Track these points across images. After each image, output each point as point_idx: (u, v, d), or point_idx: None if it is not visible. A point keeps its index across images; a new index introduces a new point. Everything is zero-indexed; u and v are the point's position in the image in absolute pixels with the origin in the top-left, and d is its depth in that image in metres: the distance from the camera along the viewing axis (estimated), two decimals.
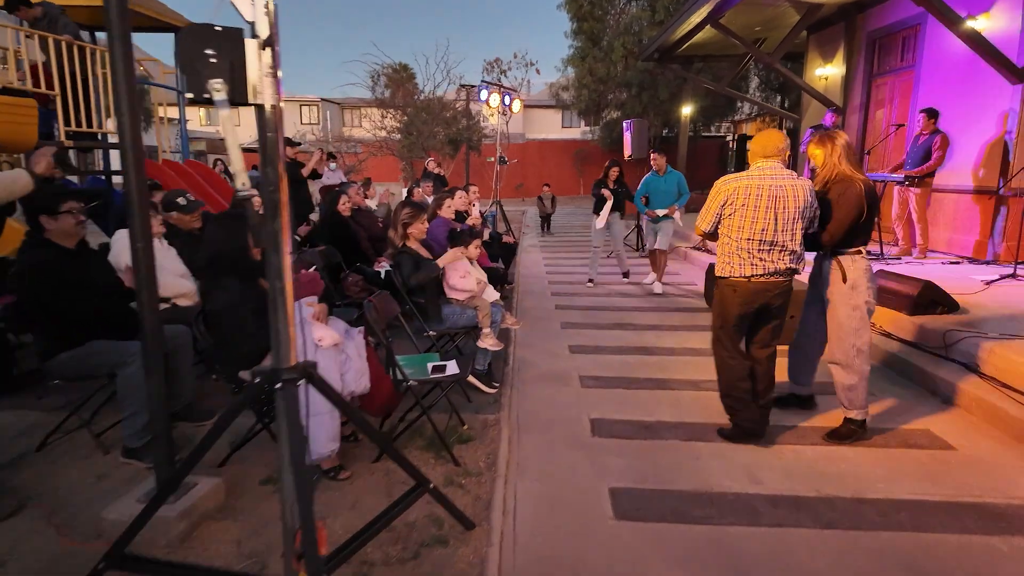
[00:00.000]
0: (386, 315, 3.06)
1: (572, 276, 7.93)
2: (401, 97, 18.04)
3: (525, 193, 22.04)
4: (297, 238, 5.75)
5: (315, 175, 7.60)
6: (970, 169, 7.20)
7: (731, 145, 23.79)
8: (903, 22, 8.61)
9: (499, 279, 5.42)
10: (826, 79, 10.68)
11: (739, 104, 23.85)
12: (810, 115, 11.16)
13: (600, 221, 7.05)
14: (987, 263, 6.74)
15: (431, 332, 3.62)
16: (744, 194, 2.94)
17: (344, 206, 5.47)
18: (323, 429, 2.51)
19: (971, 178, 7.20)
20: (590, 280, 7.33)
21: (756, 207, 2.92)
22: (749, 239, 2.96)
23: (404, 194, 8.42)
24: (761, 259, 2.97)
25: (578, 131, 26.30)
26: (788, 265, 3.01)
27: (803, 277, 3.50)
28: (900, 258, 7.14)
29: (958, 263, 6.84)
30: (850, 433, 3.24)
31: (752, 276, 2.99)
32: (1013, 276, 5.75)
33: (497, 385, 3.88)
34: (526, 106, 30.98)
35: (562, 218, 15.19)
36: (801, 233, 2.99)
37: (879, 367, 4.38)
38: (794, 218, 2.93)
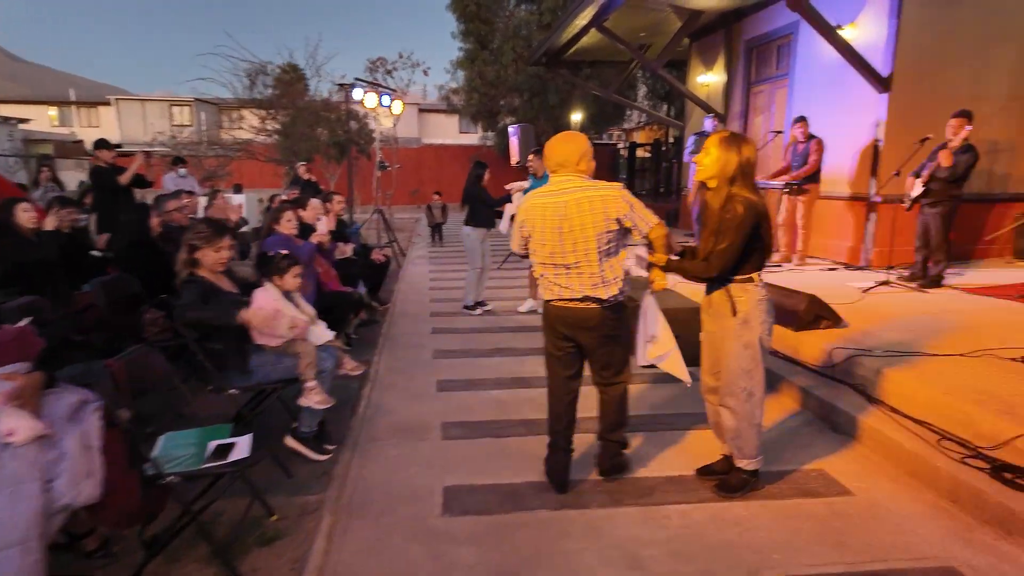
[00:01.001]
0: (147, 379, 2.24)
1: (459, 293, 7.26)
2: (288, 99, 16.68)
3: (422, 200, 21.18)
4: (97, 253, 4.66)
5: (141, 182, 6.41)
6: (843, 176, 7.32)
7: (622, 152, 24.23)
8: (777, 31, 8.75)
9: (352, 307, 4.65)
10: (708, 86, 10.78)
11: (628, 112, 24.36)
12: (694, 122, 11.24)
13: (504, 225, 6.33)
14: (861, 268, 6.83)
15: (234, 389, 2.81)
16: (534, 213, 2.67)
17: (162, 220, 4.48)
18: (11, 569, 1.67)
19: (845, 185, 7.31)
20: (475, 305, 6.37)
21: (543, 228, 2.64)
22: (543, 262, 2.71)
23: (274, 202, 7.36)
24: (558, 284, 2.67)
25: (476, 136, 25.83)
26: (586, 293, 2.61)
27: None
28: (780, 265, 7.11)
29: (834, 269, 6.88)
30: (741, 484, 2.80)
31: (552, 300, 2.72)
32: (887, 283, 5.76)
33: (330, 449, 3.13)
34: (421, 110, 30.23)
35: (456, 227, 14.53)
36: (605, 255, 2.59)
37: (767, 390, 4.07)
38: (588, 237, 2.55)
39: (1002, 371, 3.47)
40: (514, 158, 9.54)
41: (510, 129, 9.20)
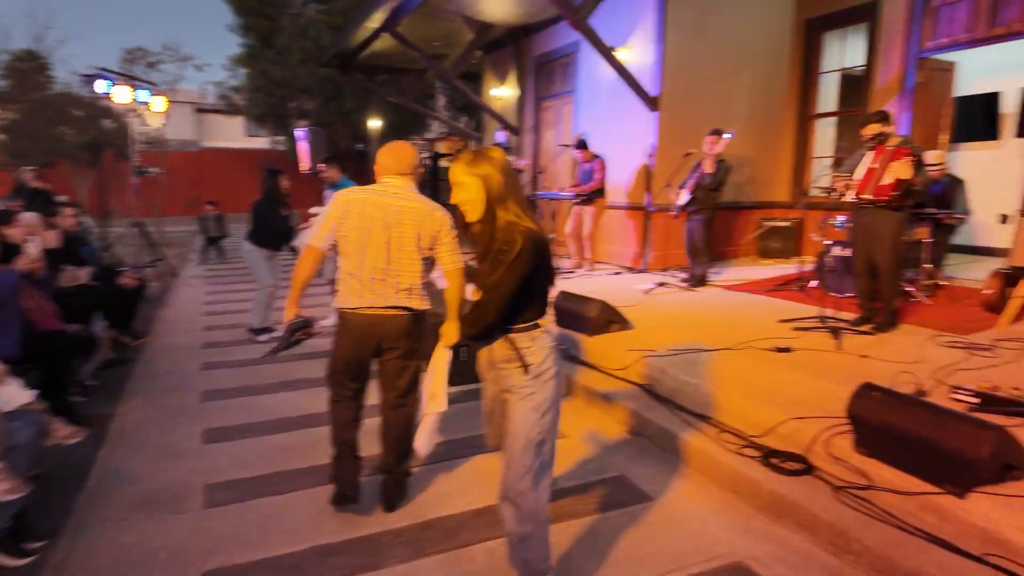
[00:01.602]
0: None
1: (242, 317, 6.32)
2: (21, 91, 13.61)
3: (200, 210, 18.83)
4: None
5: None
6: (624, 188, 7.91)
7: (427, 162, 24.15)
8: (561, 49, 9.23)
9: (76, 348, 3.70)
10: (502, 99, 11.06)
11: (428, 121, 24.38)
12: (490, 134, 11.46)
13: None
14: (642, 271, 7.42)
15: None
16: (355, 208, 2.55)
17: None
18: None
19: (626, 196, 7.91)
20: (261, 331, 5.57)
21: (369, 228, 2.53)
22: (358, 264, 2.54)
23: None
24: (371, 290, 2.54)
25: (265, 140, 23.77)
26: (401, 301, 2.58)
27: None
28: (574, 271, 7.45)
29: (619, 273, 7.39)
30: None
31: (358, 308, 2.57)
32: (664, 284, 6.29)
33: (35, 548, 2.34)
34: (200, 110, 26.98)
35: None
36: (423, 265, 2.60)
37: (569, 398, 4.09)
38: (411, 248, 2.56)
39: (762, 361, 3.86)
40: (303, 164, 8.79)
41: (297, 132, 8.44)
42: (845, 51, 7.57)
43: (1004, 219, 7.60)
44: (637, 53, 7.47)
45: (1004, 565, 2.00)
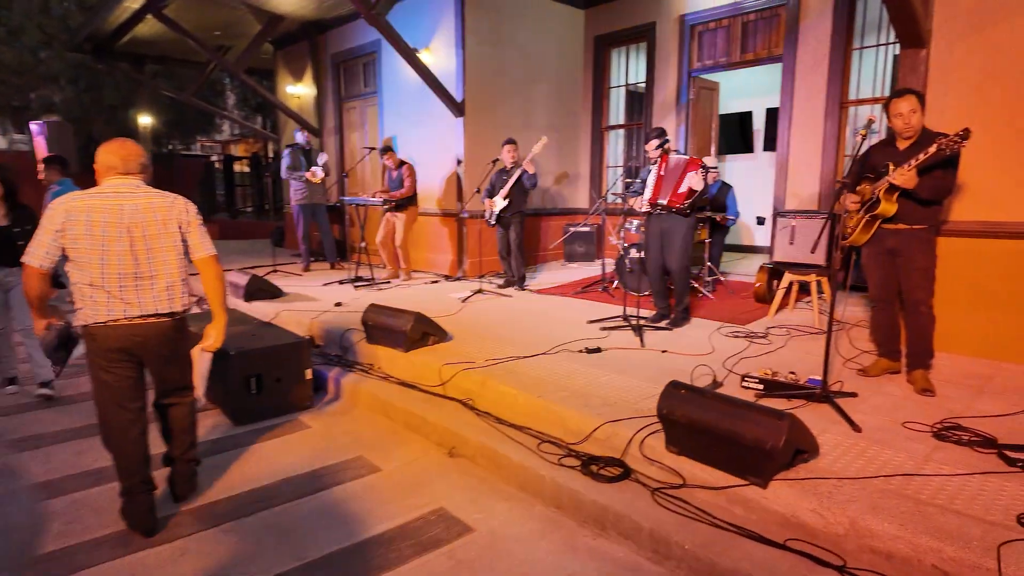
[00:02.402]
0: None
1: None
2: None
3: None
4: None
5: None
6: (435, 194, 7.70)
7: (217, 166, 21.74)
8: (362, 48, 8.75)
9: None
10: (299, 98, 10.21)
11: (219, 120, 22.02)
12: (288, 135, 10.52)
13: None
14: (459, 279, 7.27)
15: None
16: (81, 217, 2.35)
17: None
18: None
19: (437, 202, 7.70)
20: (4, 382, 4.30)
21: (102, 236, 2.37)
22: (101, 275, 2.38)
23: None
24: (123, 299, 2.42)
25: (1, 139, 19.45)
26: (159, 307, 2.49)
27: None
28: (389, 281, 7.05)
29: (437, 281, 7.15)
30: None
31: (109, 321, 2.41)
32: (481, 291, 6.18)
33: None
34: None
35: None
36: (178, 263, 2.54)
37: (385, 420, 3.71)
38: (166, 246, 2.50)
39: (576, 364, 3.86)
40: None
41: (33, 127, 6.84)
42: (630, 68, 8.21)
43: (761, 221, 8.89)
44: (440, 57, 7.31)
45: (803, 548, 2.10)
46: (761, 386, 3.22)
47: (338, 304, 5.70)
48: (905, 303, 3.37)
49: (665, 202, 4.41)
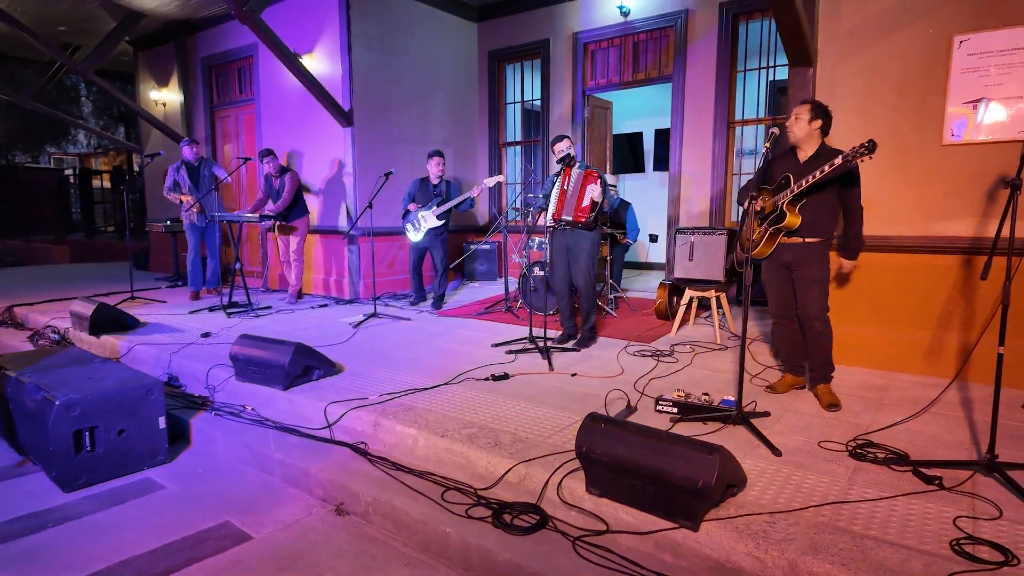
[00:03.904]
0: None
1: None
2: None
3: None
4: None
5: None
6: (325, 208, 7.11)
7: (72, 180, 19.39)
8: (237, 51, 7.99)
9: None
10: (164, 105, 9.18)
11: (74, 131, 19.73)
12: (152, 145, 9.44)
13: None
14: (351, 302, 6.72)
15: None
16: None
17: None
18: None
19: (324, 216, 7.12)
20: None
21: None
22: None
23: None
24: None
25: None
26: None
27: None
28: (270, 307, 6.35)
29: (326, 305, 6.55)
30: None
31: None
32: (376, 315, 5.69)
33: None
34: None
35: None
36: None
37: (260, 474, 3.15)
38: None
39: (482, 393, 3.52)
40: None
41: None
42: (525, 84, 8.11)
43: (653, 238, 9.08)
44: (324, 63, 6.79)
45: None
46: (675, 410, 3.05)
47: (205, 335, 4.98)
48: (801, 318, 3.35)
49: (570, 218, 4.23)
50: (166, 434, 3.30)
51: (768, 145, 3.01)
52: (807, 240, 3.22)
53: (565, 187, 4.31)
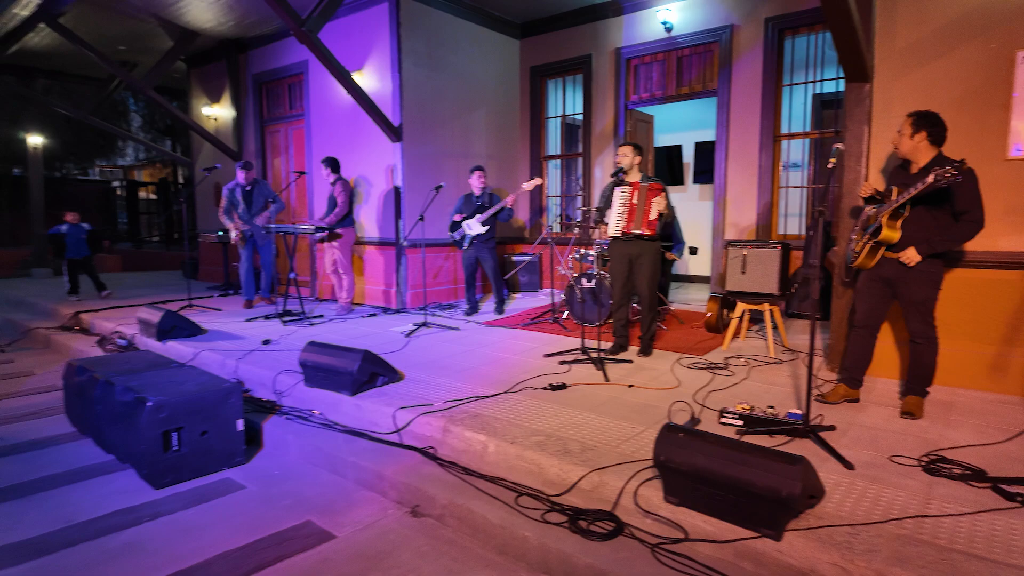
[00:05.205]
0: None
1: None
2: None
3: None
4: None
5: None
6: (374, 220, 7.29)
7: (119, 192, 20.11)
8: (286, 68, 8.28)
9: None
10: (216, 120, 9.53)
11: (122, 144, 20.48)
12: (204, 159, 9.79)
13: None
14: (399, 311, 6.87)
15: None
16: None
17: None
18: None
19: (375, 228, 7.30)
20: None
21: None
22: None
23: None
24: None
25: None
26: None
27: None
28: (323, 315, 6.53)
29: (375, 315, 6.71)
30: None
31: None
32: (425, 324, 5.82)
33: None
34: None
35: None
36: None
37: (332, 476, 3.27)
38: None
39: (542, 402, 3.60)
40: None
41: None
42: (567, 98, 8.23)
43: (694, 251, 9.08)
44: (374, 79, 7.00)
45: None
46: (741, 422, 3.08)
47: (266, 342, 5.16)
48: (908, 331, 3.34)
49: (639, 231, 4.33)
50: (243, 436, 3.45)
51: (834, 161, 3.05)
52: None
53: (635, 201, 4.39)
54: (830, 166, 3.05)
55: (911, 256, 3.19)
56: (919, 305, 3.25)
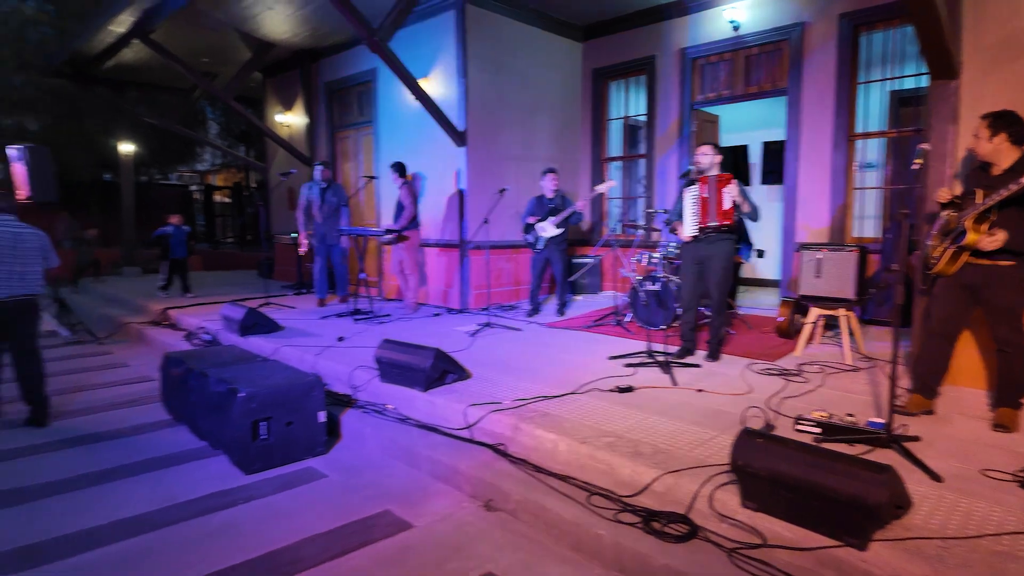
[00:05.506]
0: None
1: None
2: None
3: None
4: None
5: None
6: (437, 222, 7.48)
7: (197, 196, 21.29)
8: (356, 76, 8.60)
9: None
10: (290, 127, 9.99)
11: (200, 150, 21.67)
12: (278, 164, 10.27)
13: None
14: (461, 312, 7.02)
15: None
16: None
17: None
18: None
19: (439, 231, 7.48)
20: None
21: None
22: None
23: None
24: None
25: None
26: None
27: None
28: (390, 314, 6.74)
29: (439, 315, 6.89)
30: None
31: None
32: (488, 325, 5.93)
33: None
34: None
35: None
36: None
37: (408, 468, 3.41)
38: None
39: (609, 404, 3.62)
40: (22, 191, 6.78)
41: (11, 152, 6.47)
42: (629, 100, 8.19)
43: (761, 254, 8.85)
44: (440, 85, 7.18)
45: None
46: (819, 429, 3.02)
47: (341, 339, 5.40)
48: (994, 340, 3.21)
49: (716, 223, 4.29)
50: (325, 428, 3.63)
51: (920, 162, 2.95)
52: (997, 263, 3.07)
53: (705, 194, 4.36)
54: (916, 166, 2.95)
55: (999, 238, 2.96)
56: (1007, 311, 3.10)
